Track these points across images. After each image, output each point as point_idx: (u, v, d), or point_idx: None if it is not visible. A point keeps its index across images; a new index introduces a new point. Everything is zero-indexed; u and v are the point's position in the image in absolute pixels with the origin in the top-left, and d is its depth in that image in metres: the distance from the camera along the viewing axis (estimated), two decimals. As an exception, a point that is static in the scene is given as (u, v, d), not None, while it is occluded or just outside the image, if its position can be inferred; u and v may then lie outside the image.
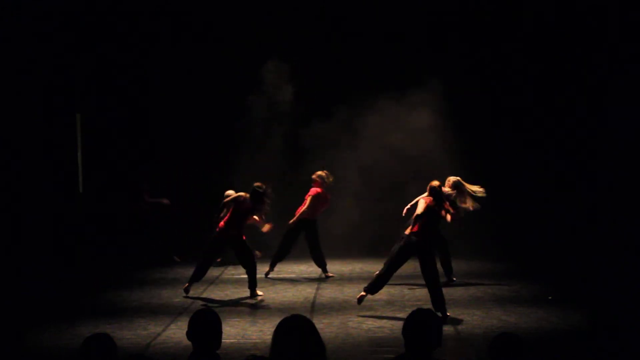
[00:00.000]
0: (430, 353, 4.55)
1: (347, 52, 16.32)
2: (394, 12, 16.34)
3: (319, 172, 13.66)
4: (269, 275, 13.57)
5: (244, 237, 12.16)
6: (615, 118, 15.50)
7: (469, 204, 11.86)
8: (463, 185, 11.87)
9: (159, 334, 9.89)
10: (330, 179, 13.69)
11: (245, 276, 12.12)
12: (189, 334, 5.07)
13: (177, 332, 9.82)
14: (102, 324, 10.27)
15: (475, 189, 11.90)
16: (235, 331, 9.91)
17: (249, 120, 16.00)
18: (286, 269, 14.40)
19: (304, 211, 13.53)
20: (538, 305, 11.16)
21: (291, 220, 13.63)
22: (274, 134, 16.15)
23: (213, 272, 13.62)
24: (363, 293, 10.85)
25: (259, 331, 9.94)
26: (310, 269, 14.24)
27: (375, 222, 15.56)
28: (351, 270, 14.36)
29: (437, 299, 10.57)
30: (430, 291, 10.69)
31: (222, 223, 12.09)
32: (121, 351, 5.14)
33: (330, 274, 13.74)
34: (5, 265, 13.82)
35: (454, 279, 12.87)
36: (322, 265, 13.74)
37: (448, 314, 10.53)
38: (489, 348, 4.83)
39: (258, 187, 12.02)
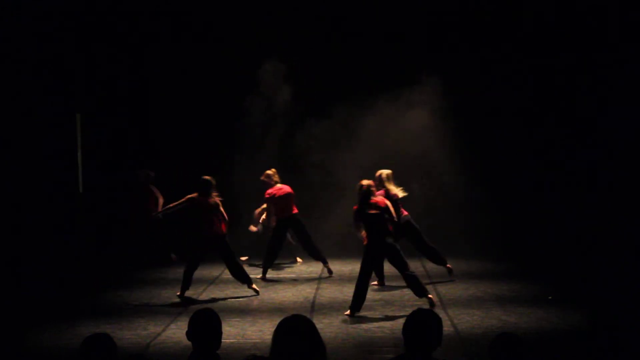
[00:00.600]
0: (430, 353, 4.55)
1: (346, 52, 16.32)
2: (394, 12, 16.34)
3: (267, 172, 13.56)
4: (267, 277, 13.54)
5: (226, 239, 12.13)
6: (615, 118, 15.49)
7: (396, 192, 12.17)
8: (383, 181, 12.22)
9: (159, 334, 9.89)
10: (274, 177, 13.44)
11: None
12: (189, 334, 5.07)
13: (177, 332, 9.82)
14: (102, 324, 10.26)
15: (396, 191, 12.14)
16: (235, 331, 9.91)
17: (248, 120, 15.99)
18: (286, 269, 14.40)
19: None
20: (538, 305, 11.15)
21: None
22: (272, 134, 16.14)
23: (213, 272, 13.63)
24: (348, 312, 10.84)
25: (259, 331, 9.94)
26: (310, 269, 14.23)
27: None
28: (351, 270, 14.31)
29: (414, 284, 10.82)
30: (405, 279, 10.91)
31: (198, 230, 12.02)
32: (121, 351, 5.14)
33: (331, 268, 13.71)
34: (5, 265, 13.82)
35: (448, 265, 12.97)
36: (321, 258, 13.68)
37: (430, 296, 10.86)
38: (489, 348, 4.83)
39: (204, 179, 11.93)
